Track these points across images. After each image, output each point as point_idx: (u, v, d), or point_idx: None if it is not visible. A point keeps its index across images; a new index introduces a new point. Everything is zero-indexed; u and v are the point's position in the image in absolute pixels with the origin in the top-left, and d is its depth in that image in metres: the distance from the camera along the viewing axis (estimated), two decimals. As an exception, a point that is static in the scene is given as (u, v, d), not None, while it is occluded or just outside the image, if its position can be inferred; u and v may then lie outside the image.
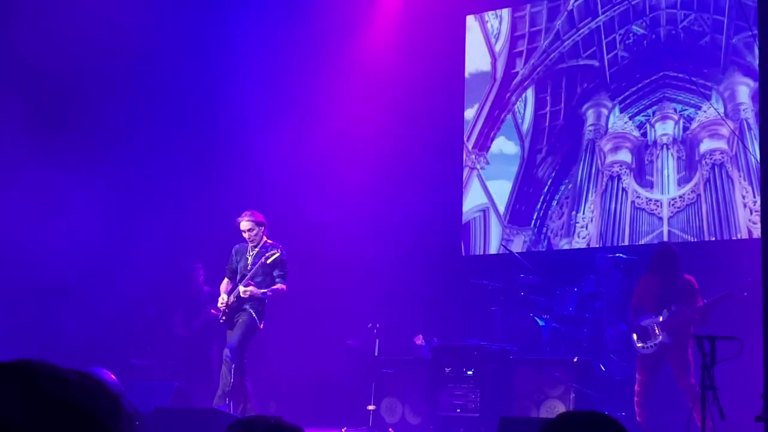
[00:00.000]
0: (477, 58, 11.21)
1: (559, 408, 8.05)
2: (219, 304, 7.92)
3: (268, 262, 7.74)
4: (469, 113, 11.14)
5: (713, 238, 9.30)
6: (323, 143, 10.81)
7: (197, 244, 10.10)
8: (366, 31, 11.33)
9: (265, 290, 7.76)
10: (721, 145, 9.44)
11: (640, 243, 9.68)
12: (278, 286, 7.80)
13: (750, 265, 7.02)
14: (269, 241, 7.95)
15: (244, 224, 7.85)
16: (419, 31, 11.11)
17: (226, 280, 8.07)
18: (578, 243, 10.12)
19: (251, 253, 7.91)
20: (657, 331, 7.49)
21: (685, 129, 9.67)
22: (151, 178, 10.08)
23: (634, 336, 7.68)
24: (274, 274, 7.80)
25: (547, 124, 10.61)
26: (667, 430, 7.56)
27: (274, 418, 1.79)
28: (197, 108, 10.67)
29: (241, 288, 7.73)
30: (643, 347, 7.57)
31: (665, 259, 7.66)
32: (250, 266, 7.84)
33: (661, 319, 7.51)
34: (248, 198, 8.84)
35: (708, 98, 9.41)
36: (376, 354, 9.17)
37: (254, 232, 7.85)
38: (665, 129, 9.80)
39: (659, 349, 7.49)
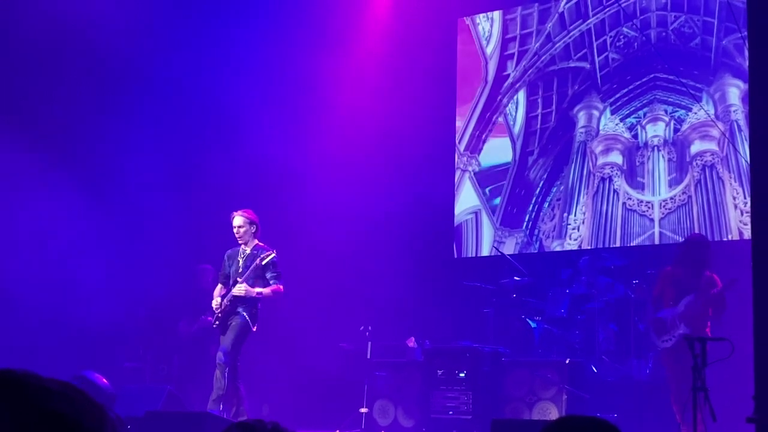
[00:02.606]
0: (468, 61, 11.22)
1: (552, 410, 8.05)
2: (213, 306, 7.89)
3: (264, 263, 7.71)
4: (461, 116, 11.15)
5: (704, 240, 9.31)
6: (315, 146, 10.80)
7: (195, 248, 10.07)
8: (358, 33, 11.33)
9: (261, 290, 7.72)
10: (712, 146, 9.47)
11: (631, 244, 9.71)
12: (275, 286, 7.77)
13: (741, 266, 7.03)
14: (260, 243, 7.93)
15: (236, 220, 7.84)
16: (410, 33, 11.12)
17: (219, 285, 8.04)
18: (570, 245, 10.13)
19: (242, 256, 7.89)
20: (675, 323, 7.41)
21: (676, 130, 9.70)
22: (148, 180, 10.05)
23: (652, 334, 7.57)
24: (267, 276, 7.77)
25: (538, 127, 10.63)
26: (660, 430, 7.57)
27: (272, 423, 1.78)
28: (193, 110, 10.65)
29: (235, 288, 7.70)
30: (662, 341, 7.48)
31: (698, 251, 7.52)
32: (241, 269, 7.82)
33: (677, 309, 7.43)
34: (242, 201, 8.81)
35: (698, 100, 9.44)
36: (368, 356, 9.17)
37: (244, 229, 7.82)
38: (656, 131, 9.82)
39: (678, 341, 7.37)
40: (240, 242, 7.89)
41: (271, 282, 7.76)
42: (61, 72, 9.83)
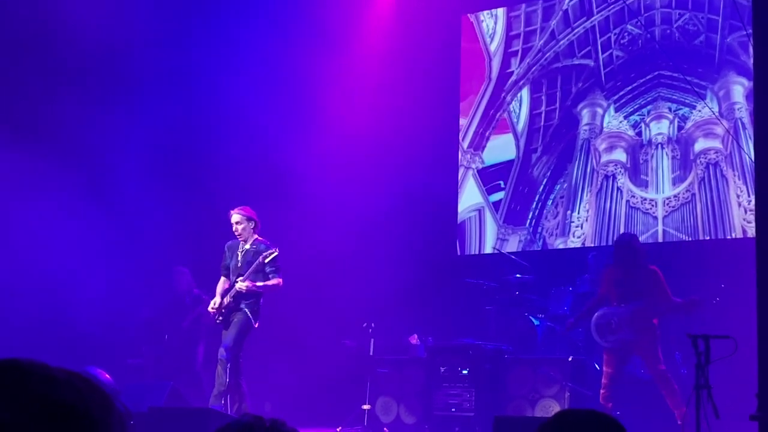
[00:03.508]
0: (472, 58, 11.21)
1: (554, 407, 8.05)
2: (210, 308, 7.94)
3: (267, 261, 7.74)
4: (464, 113, 11.14)
5: (708, 237, 9.31)
6: (317, 143, 10.79)
7: (192, 246, 10.06)
8: (361, 30, 11.32)
9: (262, 284, 7.76)
10: (716, 144, 9.46)
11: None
12: (275, 280, 7.80)
13: (744, 265, 7.03)
14: (260, 238, 7.95)
15: (234, 217, 7.91)
16: (415, 30, 11.11)
17: (222, 279, 8.07)
18: (573, 242, 10.13)
19: (241, 251, 7.93)
20: (620, 326, 7.44)
21: (680, 128, 9.69)
22: (147, 180, 10.05)
23: (594, 331, 7.61)
24: (267, 270, 7.81)
25: (542, 124, 10.62)
26: (661, 429, 7.56)
27: (272, 420, 1.77)
28: (194, 108, 10.64)
29: (237, 284, 7.73)
30: (605, 342, 7.53)
31: (623, 251, 7.61)
32: (240, 263, 7.87)
33: (623, 312, 7.45)
34: (245, 199, 8.81)
35: (703, 97, 9.42)
36: (371, 353, 9.17)
37: (242, 226, 7.87)
38: (660, 128, 9.81)
39: (622, 345, 7.47)
40: (239, 239, 7.94)
41: (270, 276, 7.79)
42: (58, 71, 9.80)
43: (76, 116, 9.72)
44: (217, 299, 7.91)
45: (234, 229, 7.91)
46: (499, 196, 10.76)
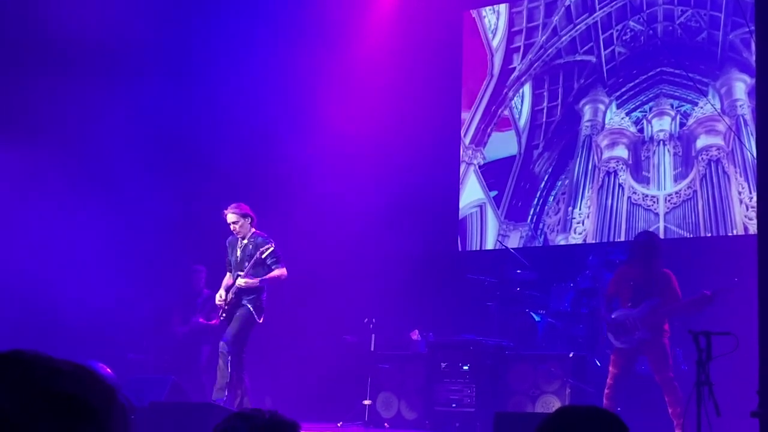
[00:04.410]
0: (474, 54, 11.20)
1: (555, 403, 8.06)
2: (217, 301, 7.97)
3: (263, 257, 7.76)
4: (466, 109, 11.13)
5: (709, 234, 9.31)
6: (319, 140, 10.80)
7: (196, 242, 10.07)
8: (363, 26, 11.31)
9: (264, 277, 7.76)
10: (718, 141, 9.45)
11: (636, 239, 9.68)
12: (278, 271, 7.80)
13: (746, 262, 7.02)
14: (257, 231, 7.97)
15: (230, 217, 7.90)
16: (417, 26, 11.10)
17: (228, 274, 8.11)
18: (574, 239, 10.12)
19: (240, 246, 7.94)
20: (635, 326, 7.41)
21: (682, 125, 9.68)
22: (149, 176, 10.05)
23: (609, 333, 7.55)
24: (268, 262, 7.82)
25: (543, 120, 10.62)
26: (662, 428, 7.57)
27: (271, 412, 1.78)
28: (190, 109, 10.63)
29: (239, 280, 7.75)
30: (620, 342, 7.47)
31: (646, 248, 7.54)
32: (240, 258, 7.89)
33: (638, 312, 7.43)
34: (245, 196, 8.80)
35: (705, 94, 9.41)
36: (372, 349, 9.18)
37: (239, 224, 7.88)
38: (662, 125, 9.81)
39: (637, 345, 7.42)
40: (238, 236, 7.95)
41: (273, 267, 7.80)
42: (58, 69, 9.77)
43: (76, 115, 9.72)
44: (222, 292, 7.94)
45: (232, 228, 7.92)
46: (500, 192, 10.76)
